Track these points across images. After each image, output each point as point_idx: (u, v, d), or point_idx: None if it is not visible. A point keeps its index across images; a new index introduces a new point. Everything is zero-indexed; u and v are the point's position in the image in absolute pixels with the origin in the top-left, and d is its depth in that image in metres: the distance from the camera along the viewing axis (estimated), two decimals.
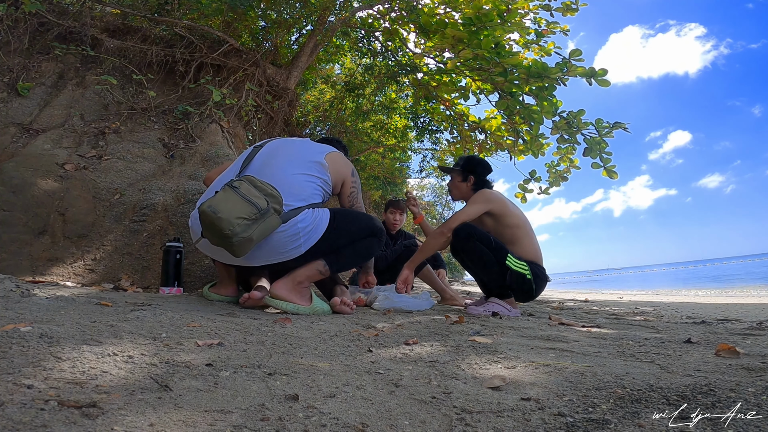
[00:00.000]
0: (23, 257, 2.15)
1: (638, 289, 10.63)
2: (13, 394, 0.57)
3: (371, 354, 1.07)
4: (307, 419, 0.61)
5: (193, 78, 3.45)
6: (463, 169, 2.45)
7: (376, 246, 1.86)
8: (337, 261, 1.76)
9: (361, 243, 1.80)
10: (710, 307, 3.76)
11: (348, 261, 1.83)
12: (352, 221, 1.79)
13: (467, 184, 2.45)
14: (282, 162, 1.74)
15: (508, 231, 2.27)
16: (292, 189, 1.66)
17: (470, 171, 2.44)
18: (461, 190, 2.46)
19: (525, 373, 0.93)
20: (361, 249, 1.82)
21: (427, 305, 2.27)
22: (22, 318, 0.98)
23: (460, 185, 2.47)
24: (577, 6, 4.12)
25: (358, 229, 1.79)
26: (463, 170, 2.45)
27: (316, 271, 1.71)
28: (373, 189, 8.24)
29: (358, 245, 1.80)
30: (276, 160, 1.75)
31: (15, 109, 2.82)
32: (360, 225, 1.80)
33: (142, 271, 2.29)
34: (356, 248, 1.79)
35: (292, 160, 1.76)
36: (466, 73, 4.15)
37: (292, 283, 1.66)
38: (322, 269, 1.71)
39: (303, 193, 1.69)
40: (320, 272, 1.72)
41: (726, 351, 1.13)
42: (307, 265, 1.69)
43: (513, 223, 2.27)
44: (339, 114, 6.50)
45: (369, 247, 1.84)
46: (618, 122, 3.65)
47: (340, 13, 4.39)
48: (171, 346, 0.91)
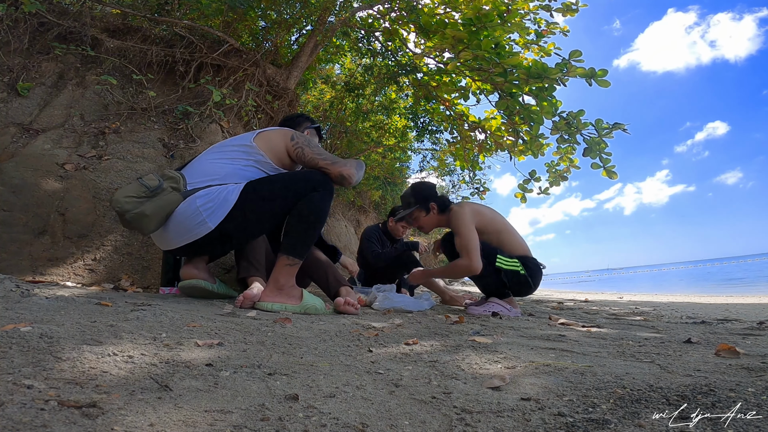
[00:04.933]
0: (23, 257, 2.15)
1: (639, 292, 10.62)
2: (13, 394, 0.57)
3: (371, 354, 1.07)
4: (307, 419, 0.61)
5: (193, 78, 3.45)
6: (421, 203, 2.41)
7: (319, 201, 1.68)
8: (292, 243, 1.68)
9: (302, 205, 1.67)
10: (710, 307, 3.75)
11: (300, 234, 1.68)
12: (272, 182, 1.69)
13: (434, 213, 2.40)
14: (207, 154, 1.83)
15: (493, 237, 2.30)
16: (202, 170, 1.73)
17: (428, 200, 2.40)
18: (432, 221, 2.42)
19: (525, 373, 0.93)
20: (304, 212, 1.67)
21: (427, 305, 2.28)
22: (22, 318, 0.98)
23: (428, 218, 2.41)
24: (577, 6, 4.12)
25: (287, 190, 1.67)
26: (421, 204, 2.41)
27: (286, 267, 1.66)
28: (373, 189, 8.23)
29: (300, 209, 1.67)
30: (204, 154, 1.84)
31: (15, 109, 2.82)
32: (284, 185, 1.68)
33: (142, 271, 2.29)
34: (299, 215, 1.67)
35: (213, 151, 1.83)
36: (466, 73, 4.15)
37: (275, 287, 1.67)
38: (289, 261, 1.67)
39: (213, 172, 1.72)
40: (289, 265, 1.67)
41: (726, 351, 1.13)
42: (276, 267, 1.68)
43: (494, 229, 2.32)
44: (339, 114, 6.50)
45: (312, 206, 1.67)
46: (617, 123, 3.65)
47: (340, 13, 4.39)
48: (171, 346, 0.91)
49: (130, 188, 1.63)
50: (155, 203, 1.61)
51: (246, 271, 1.97)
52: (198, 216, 1.63)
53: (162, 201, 1.62)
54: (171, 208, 1.64)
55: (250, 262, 1.99)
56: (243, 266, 1.99)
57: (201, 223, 1.63)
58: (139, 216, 1.59)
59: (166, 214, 1.64)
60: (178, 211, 1.65)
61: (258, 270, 1.98)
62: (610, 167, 3.79)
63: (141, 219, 1.59)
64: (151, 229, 1.64)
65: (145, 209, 1.59)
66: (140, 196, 1.60)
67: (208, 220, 1.63)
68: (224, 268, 2.51)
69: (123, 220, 1.62)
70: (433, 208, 2.40)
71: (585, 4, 4.11)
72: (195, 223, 1.64)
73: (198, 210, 1.63)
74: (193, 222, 1.64)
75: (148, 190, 1.61)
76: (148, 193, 1.61)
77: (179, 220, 1.65)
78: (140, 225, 1.61)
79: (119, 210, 1.59)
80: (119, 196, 1.60)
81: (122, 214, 1.59)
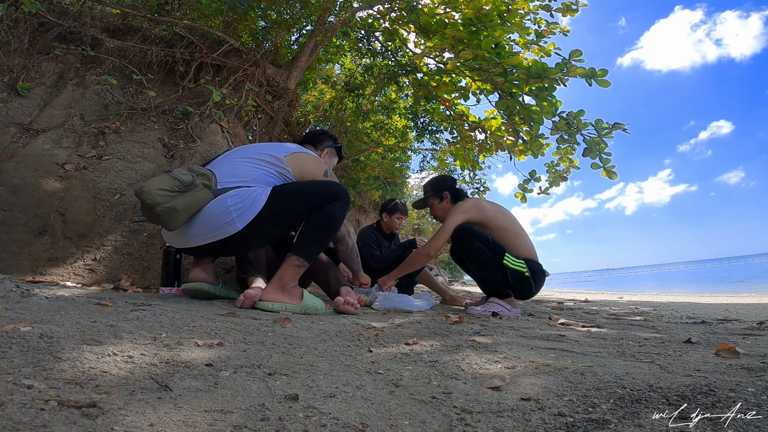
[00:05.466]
0: (23, 257, 2.15)
1: (638, 291, 10.62)
2: (13, 394, 0.57)
3: (371, 354, 1.07)
4: (307, 419, 0.61)
5: (193, 78, 3.45)
6: (436, 192, 2.58)
7: (338, 211, 1.73)
8: (305, 246, 1.70)
9: (320, 212, 1.70)
10: (710, 307, 3.75)
11: (314, 238, 1.71)
12: (298, 190, 1.71)
13: (446, 202, 2.56)
14: (233, 155, 1.82)
15: (497, 234, 2.32)
16: (231, 171, 1.72)
17: (442, 189, 2.57)
18: (445, 209, 2.56)
19: (525, 373, 0.93)
20: (321, 219, 1.70)
21: (428, 306, 2.28)
22: (22, 318, 0.98)
23: (441, 206, 2.57)
24: (577, 6, 4.12)
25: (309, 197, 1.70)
26: (436, 192, 2.58)
27: (294, 267, 1.68)
28: (373, 189, 8.22)
29: (318, 216, 1.70)
30: (230, 155, 1.83)
31: (15, 109, 2.82)
32: (309, 192, 1.71)
33: (142, 271, 2.29)
34: (316, 221, 1.70)
35: (240, 153, 1.83)
36: (466, 73, 4.15)
37: (278, 285, 1.66)
38: (298, 262, 1.68)
39: (243, 175, 1.71)
40: (297, 266, 1.68)
41: (726, 351, 1.13)
42: (283, 266, 1.68)
43: (498, 226, 2.34)
44: (339, 114, 6.50)
45: (330, 214, 1.71)
46: (617, 123, 3.65)
47: (340, 13, 4.39)
48: (171, 346, 0.91)
49: (162, 181, 1.58)
50: (187, 199, 1.57)
51: (246, 271, 1.97)
52: (228, 215, 1.61)
53: (194, 197, 1.58)
54: (201, 206, 1.61)
55: (251, 262, 1.99)
56: (243, 266, 1.99)
57: (229, 223, 1.62)
58: (170, 210, 1.54)
59: (195, 210, 1.60)
60: (207, 209, 1.61)
61: (258, 270, 1.98)
62: (610, 167, 3.79)
63: (171, 213, 1.54)
64: (178, 224, 1.59)
65: (176, 204, 1.54)
66: (173, 190, 1.55)
67: (237, 220, 1.61)
68: (224, 268, 2.51)
69: (151, 212, 1.55)
70: (447, 197, 2.56)
71: (585, 4, 4.11)
72: (224, 222, 1.61)
73: (229, 209, 1.61)
74: (222, 221, 1.61)
75: (182, 184, 1.57)
76: (181, 188, 1.56)
77: (207, 218, 1.62)
78: (168, 219, 1.56)
79: (151, 202, 1.52)
80: (151, 188, 1.54)
81: (153, 206, 1.53)
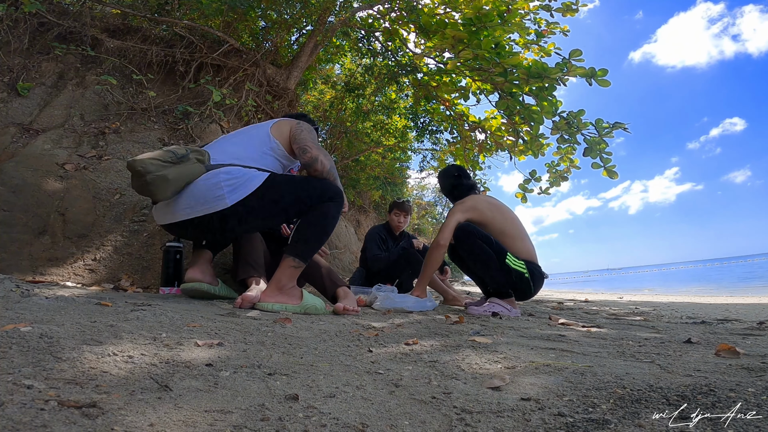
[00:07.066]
0: (23, 257, 2.15)
1: (635, 290, 10.62)
2: (13, 394, 0.57)
3: (371, 354, 1.07)
4: (307, 419, 0.61)
5: (193, 78, 3.45)
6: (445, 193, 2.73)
7: (332, 211, 1.74)
8: (301, 247, 1.71)
9: (314, 212, 1.72)
10: (710, 307, 3.75)
11: (310, 238, 1.72)
12: (295, 185, 1.72)
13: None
14: (223, 139, 1.87)
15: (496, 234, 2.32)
16: (222, 150, 1.75)
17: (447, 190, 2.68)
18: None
19: (525, 373, 0.93)
20: (315, 219, 1.72)
21: (430, 306, 2.27)
22: (22, 318, 0.98)
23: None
24: (577, 6, 4.12)
25: (304, 194, 1.71)
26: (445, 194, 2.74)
27: (291, 268, 1.68)
28: (373, 189, 8.22)
29: (312, 216, 1.72)
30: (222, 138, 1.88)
31: (15, 109, 2.82)
32: (305, 188, 1.72)
33: (142, 271, 2.29)
34: (311, 221, 1.72)
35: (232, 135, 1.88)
36: (466, 73, 4.15)
37: (276, 287, 1.67)
38: (294, 263, 1.69)
39: (235, 155, 1.73)
40: (294, 267, 1.69)
41: (726, 351, 1.13)
42: (280, 268, 1.69)
43: (496, 229, 2.34)
44: (339, 114, 6.50)
45: (325, 214, 1.73)
46: (618, 122, 3.65)
47: (340, 13, 4.39)
48: (171, 346, 0.91)
49: (154, 153, 1.60)
50: (179, 169, 1.59)
51: (245, 272, 1.97)
52: (218, 189, 1.62)
53: (186, 169, 1.60)
54: (192, 178, 1.62)
55: (249, 263, 1.99)
56: (242, 267, 1.99)
57: (219, 198, 1.62)
58: (160, 179, 1.55)
59: (185, 182, 1.62)
60: (199, 181, 1.63)
61: (257, 271, 1.98)
62: (611, 167, 3.79)
63: (161, 182, 1.55)
64: (167, 195, 1.60)
65: (167, 173, 1.56)
66: (165, 161, 1.57)
67: (227, 196, 1.62)
68: (224, 268, 2.51)
69: (141, 182, 1.55)
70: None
71: (585, 4, 4.11)
72: (213, 196, 1.62)
73: (219, 184, 1.62)
74: (212, 195, 1.62)
75: (174, 156, 1.58)
76: (174, 159, 1.58)
77: (197, 190, 1.63)
78: (156, 189, 1.56)
79: (141, 169, 1.53)
80: (143, 157, 1.55)
81: (143, 174, 1.53)
